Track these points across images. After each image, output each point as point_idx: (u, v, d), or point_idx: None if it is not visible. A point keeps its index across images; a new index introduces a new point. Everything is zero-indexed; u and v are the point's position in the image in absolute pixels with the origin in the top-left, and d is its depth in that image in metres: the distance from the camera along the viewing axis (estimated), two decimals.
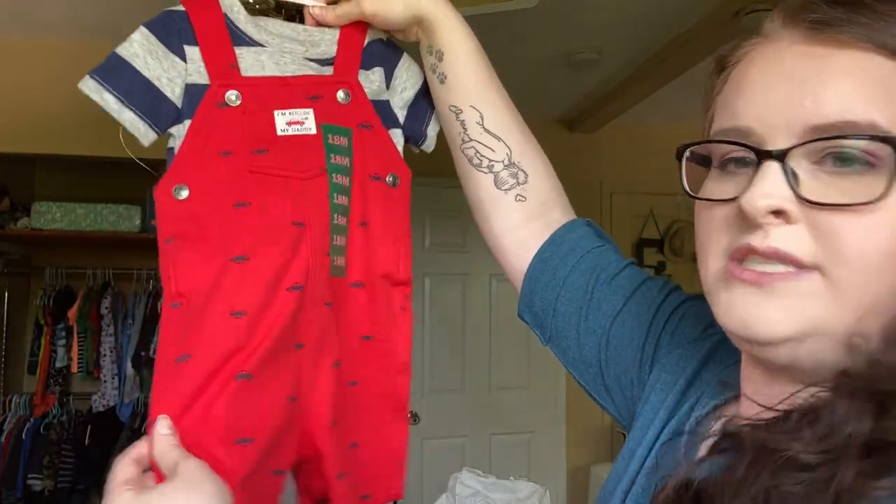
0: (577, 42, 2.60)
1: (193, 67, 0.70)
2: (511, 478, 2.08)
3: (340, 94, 0.76)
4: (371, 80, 0.79)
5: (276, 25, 0.75)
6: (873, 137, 0.40)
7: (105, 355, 3.13)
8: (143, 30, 0.69)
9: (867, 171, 0.40)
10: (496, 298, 3.55)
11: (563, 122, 3.64)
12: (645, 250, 3.68)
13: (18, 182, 3.23)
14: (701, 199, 0.48)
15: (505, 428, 3.48)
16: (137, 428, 3.06)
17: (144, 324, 3.14)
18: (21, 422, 3.03)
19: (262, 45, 0.73)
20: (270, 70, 0.72)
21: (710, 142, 0.47)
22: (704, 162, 0.50)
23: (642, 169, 3.46)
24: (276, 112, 0.71)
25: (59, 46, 2.65)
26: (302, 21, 0.76)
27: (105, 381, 3.12)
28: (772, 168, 0.42)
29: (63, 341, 3.16)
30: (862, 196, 0.40)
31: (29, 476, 2.92)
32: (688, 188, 0.49)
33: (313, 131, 0.72)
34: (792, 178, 0.41)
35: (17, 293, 3.32)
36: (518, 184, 0.75)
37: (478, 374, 3.53)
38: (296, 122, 0.72)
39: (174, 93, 0.69)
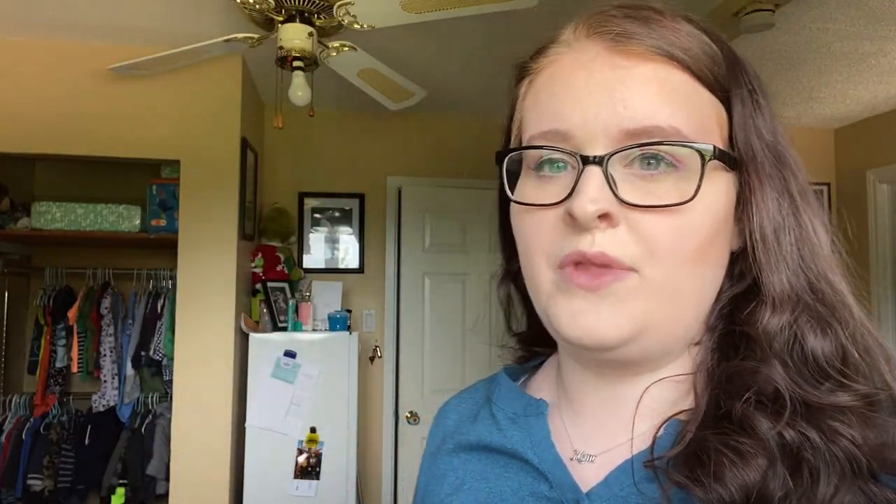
0: None
1: None
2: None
3: None
4: None
5: None
6: (684, 144, 0.44)
7: (105, 355, 3.13)
8: None
9: (671, 172, 0.45)
10: (496, 298, 3.53)
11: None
12: None
13: (18, 182, 3.24)
14: (529, 204, 0.48)
15: None
16: (137, 428, 3.07)
17: (144, 324, 3.15)
18: (21, 422, 3.03)
19: None
20: None
21: (535, 148, 0.48)
22: (516, 167, 0.51)
23: None
24: None
25: (59, 46, 2.66)
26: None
27: (105, 381, 3.12)
28: (594, 173, 0.44)
29: (63, 341, 3.16)
30: (671, 198, 0.44)
31: (29, 476, 2.92)
32: (510, 193, 0.50)
33: None
34: (612, 182, 0.44)
35: (17, 293, 3.32)
36: None
37: (478, 374, 3.51)
38: None
39: None
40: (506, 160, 0.50)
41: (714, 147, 0.45)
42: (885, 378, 0.45)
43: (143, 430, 3.06)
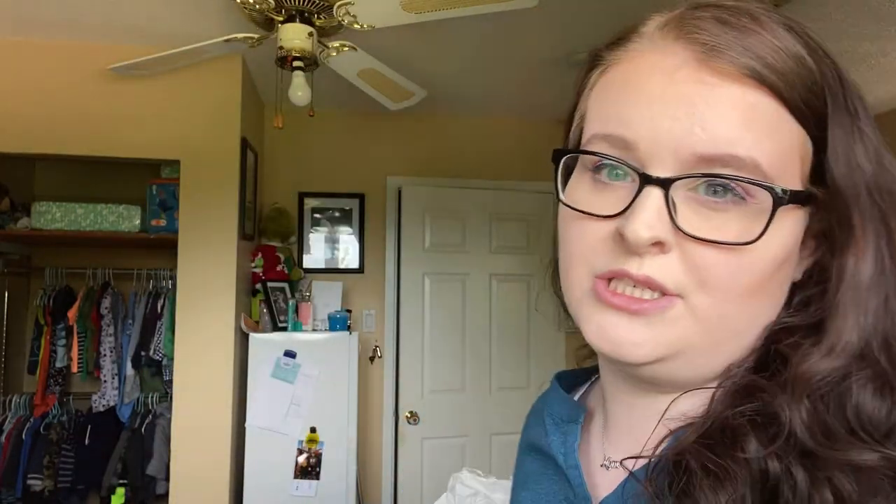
0: (577, 42, 2.60)
1: None
2: (511, 478, 2.08)
3: None
4: None
5: None
6: (759, 184, 0.41)
7: (105, 355, 3.13)
8: None
9: (739, 204, 0.41)
10: (496, 298, 3.55)
11: (563, 123, 3.64)
12: None
13: (18, 182, 3.24)
14: (580, 211, 0.45)
15: (505, 428, 3.48)
16: (137, 428, 3.07)
17: (144, 324, 3.15)
18: (21, 422, 3.03)
19: None
20: None
21: (594, 154, 0.45)
22: (572, 161, 0.49)
23: None
24: None
25: (59, 46, 2.65)
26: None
27: (105, 381, 3.12)
28: (654, 195, 0.41)
29: (63, 341, 3.16)
30: (734, 235, 0.41)
31: (29, 476, 2.92)
32: (562, 195, 0.47)
33: None
34: (672, 207, 0.41)
35: (17, 293, 3.32)
36: None
37: (478, 374, 3.53)
38: None
39: None
40: (562, 160, 0.47)
41: (790, 191, 0.41)
42: None
43: (143, 430, 3.06)
